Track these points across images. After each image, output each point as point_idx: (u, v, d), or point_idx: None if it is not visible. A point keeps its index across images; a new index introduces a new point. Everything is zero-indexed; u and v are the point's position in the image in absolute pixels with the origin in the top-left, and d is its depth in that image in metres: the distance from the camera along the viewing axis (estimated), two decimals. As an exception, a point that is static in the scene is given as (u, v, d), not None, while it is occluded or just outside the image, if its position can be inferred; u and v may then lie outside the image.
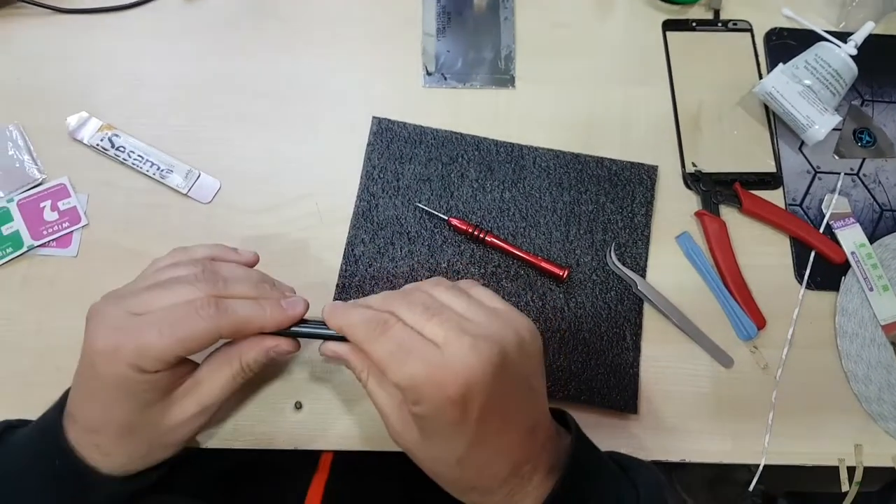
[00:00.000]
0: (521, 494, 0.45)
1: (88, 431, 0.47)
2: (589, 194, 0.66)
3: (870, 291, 0.64)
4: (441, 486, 0.47)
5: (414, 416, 0.43)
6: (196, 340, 0.44)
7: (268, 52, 0.71)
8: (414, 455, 0.46)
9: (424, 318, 0.43)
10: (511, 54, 0.72)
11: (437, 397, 0.41)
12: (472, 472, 0.44)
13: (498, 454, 0.44)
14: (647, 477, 0.50)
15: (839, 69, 0.67)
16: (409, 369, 0.41)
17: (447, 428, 0.42)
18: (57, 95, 0.68)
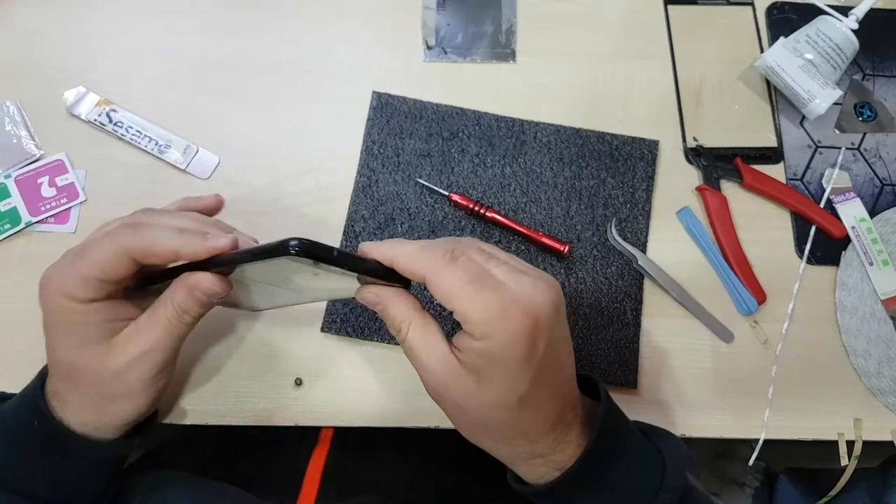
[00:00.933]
0: (564, 443, 0.44)
1: (50, 377, 0.49)
2: (590, 169, 0.66)
3: (870, 266, 0.64)
4: (483, 442, 0.45)
5: (478, 354, 0.40)
6: (107, 260, 0.44)
7: (267, 27, 0.70)
8: (461, 408, 0.43)
9: (482, 258, 0.42)
10: (512, 28, 0.71)
11: (510, 329, 0.39)
12: (529, 414, 0.42)
13: (553, 395, 0.43)
14: (669, 442, 0.50)
15: (840, 43, 0.67)
16: (484, 299, 0.39)
17: (515, 363, 0.40)
18: (54, 71, 0.67)
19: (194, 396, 0.59)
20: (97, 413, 0.48)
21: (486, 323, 0.39)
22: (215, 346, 0.60)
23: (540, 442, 0.44)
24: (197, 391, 0.59)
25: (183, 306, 0.46)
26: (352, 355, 0.60)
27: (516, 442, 0.44)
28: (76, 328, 0.46)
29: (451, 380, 0.42)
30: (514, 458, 0.46)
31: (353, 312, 0.60)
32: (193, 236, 0.45)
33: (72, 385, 0.48)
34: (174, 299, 0.46)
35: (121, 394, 0.48)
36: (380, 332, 0.60)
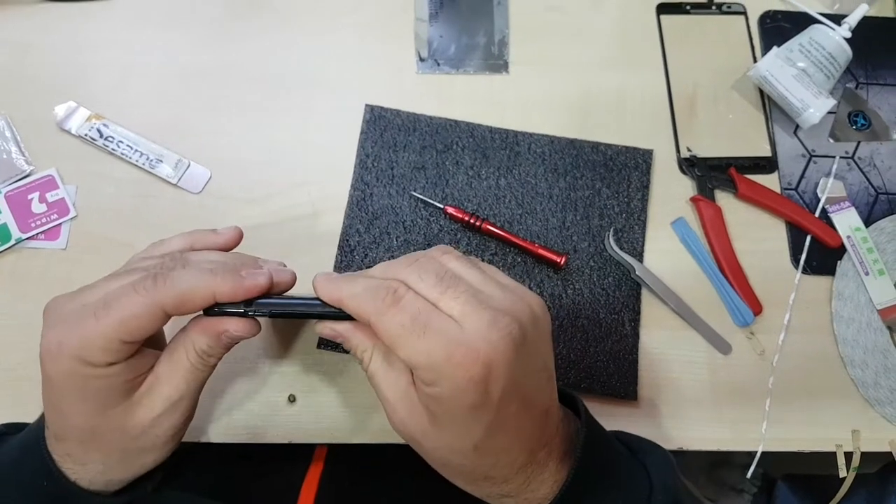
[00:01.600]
0: (537, 482, 0.42)
1: (57, 440, 0.44)
2: (585, 180, 0.66)
3: (865, 275, 0.64)
4: (448, 477, 0.44)
5: (428, 398, 0.39)
6: (136, 318, 0.39)
7: (258, 39, 0.70)
8: (420, 445, 0.42)
9: (438, 290, 0.39)
10: (504, 39, 0.71)
11: (457, 377, 0.37)
12: (489, 460, 0.40)
13: (517, 439, 0.41)
14: (657, 458, 0.48)
15: (833, 52, 0.67)
16: (426, 345, 0.37)
17: (466, 411, 0.38)
18: (44, 85, 0.67)
19: (187, 414, 0.58)
20: (125, 469, 0.46)
21: (431, 369, 0.37)
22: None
23: (508, 483, 0.42)
24: (190, 409, 0.58)
25: (208, 352, 0.44)
26: (346, 371, 0.60)
27: (480, 484, 0.43)
28: (93, 394, 0.41)
29: (410, 416, 0.40)
30: (483, 496, 0.44)
31: (347, 328, 0.60)
32: (227, 276, 0.41)
33: (93, 447, 0.44)
34: (196, 345, 0.43)
35: (150, 448, 0.45)
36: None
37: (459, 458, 0.40)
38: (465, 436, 0.39)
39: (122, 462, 0.46)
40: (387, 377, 0.41)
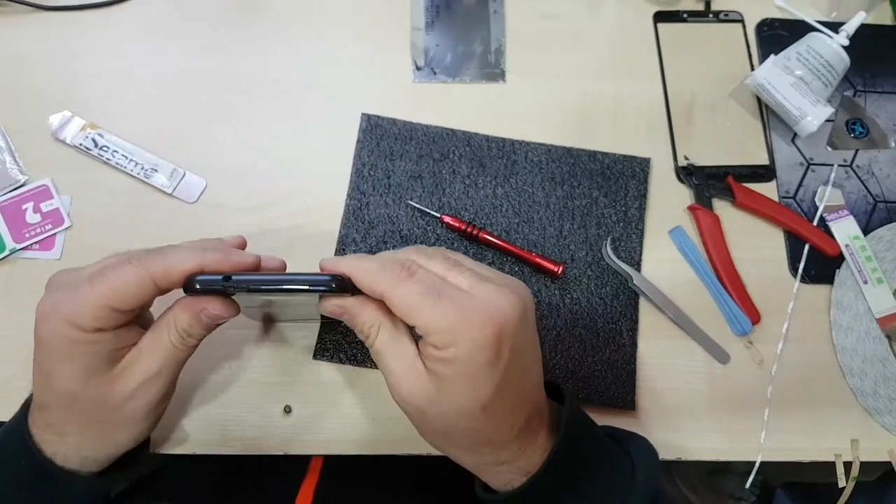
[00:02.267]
0: (530, 449, 0.44)
1: (41, 408, 0.46)
2: (582, 188, 0.66)
3: (864, 284, 0.64)
4: (447, 448, 0.45)
5: (440, 363, 0.40)
6: (127, 287, 0.42)
7: (254, 48, 0.70)
8: (425, 414, 0.42)
9: (445, 268, 0.42)
10: (501, 48, 0.71)
11: (473, 337, 0.39)
12: (494, 422, 0.42)
13: (518, 402, 0.43)
14: (640, 446, 0.50)
15: (831, 60, 0.67)
16: (442, 310, 0.39)
17: (479, 370, 0.40)
18: (39, 94, 0.67)
19: (182, 426, 0.58)
20: (100, 443, 0.47)
21: (447, 332, 0.39)
22: (202, 375, 0.59)
23: (506, 449, 0.44)
24: (184, 420, 0.58)
25: (188, 330, 0.45)
26: (342, 382, 0.59)
27: (481, 450, 0.44)
28: (79, 358, 0.43)
29: (417, 385, 0.42)
30: (479, 466, 0.45)
31: (345, 339, 0.59)
32: (217, 251, 0.44)
33: (72, 416, 0.45)
34: (178, 323, 0.44)
35: (125, 421, 0.46)
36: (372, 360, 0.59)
37: (467, 420, 0.41)
38: (475, 396, 0.41)
39: (98, 436, 0.46)
40: (394, 350, 0.43)
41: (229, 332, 0.60)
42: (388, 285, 0.41)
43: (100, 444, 0.47)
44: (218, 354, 0.59)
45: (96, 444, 0.47)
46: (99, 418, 0.45)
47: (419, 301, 0.40)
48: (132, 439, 0.48)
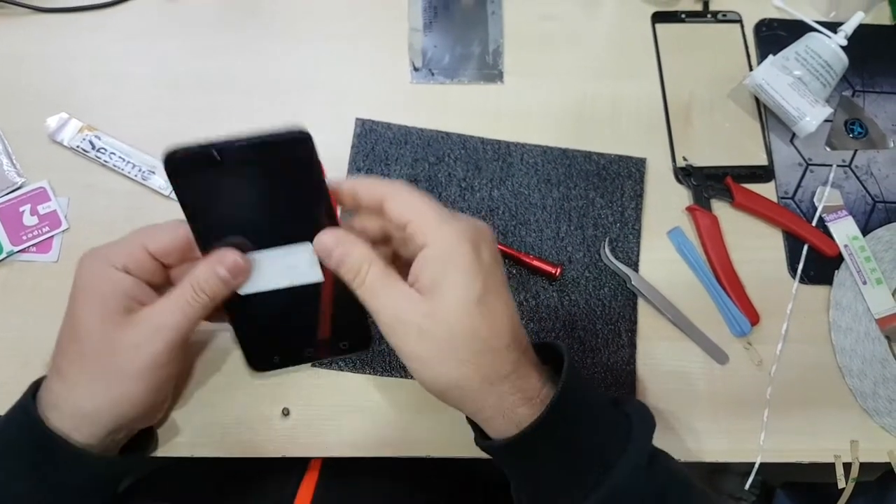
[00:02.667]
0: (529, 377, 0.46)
1: (60, 355, 0.48)
2: (578, 189, 0.66)
3: (863, 285, 0.64)
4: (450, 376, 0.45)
5: (431, 262, 0.44)
6: (163, 233, 0.48)
7: (251, 49, 0.70)
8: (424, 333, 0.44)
9: None
10: (499, 49, 0.71)
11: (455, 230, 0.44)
12: (489, 320, 0.44)
13: (505, 306, 0.46)
14: (637, 406, 0.51)
15: (829, 60, 0.67)
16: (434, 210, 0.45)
17: (465, 262, 0.44)
18: (36, 96, 0.66)
19: (181, 428, 0.57)
20: (103, 391, 0.47)
21: (436, 227, 0.44)
22: (201, 377, 0.59)
23: (506, 360, 0.45)
24: (183, 423, 0.58)
25: (204, 286, 0.47)
26: (339, 385, 0.59)
27: (484, 362, 0.44)
28: (102, 296, 0.47)
29: (413, 305, 0.44)
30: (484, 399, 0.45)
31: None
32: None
33: (83, 360, 0.47)
34: (196, 278, 0.47)
35: (128, 372, 0.47)
36: (371, 365, 0.59)
37: (465, 319, 0.44)
38: (467, 287, 0.44)
39: (101, 379, 0.47)
40: (386, 282, 0.45)
41: (228, 335, 0.60)
42: (389, 188, 0.47)
43: (102, 392, 0.47)
44: (217, 357, 0.59)
45: (98, 391, 0.47)
46: (105, 365, 0.47)
47: (416, 199, 0.46)
48: (133, 402, 0.48)
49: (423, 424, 0.59)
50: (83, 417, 0.47)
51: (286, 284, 0.49)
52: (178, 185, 0.46)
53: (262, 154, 0.46)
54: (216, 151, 0.45)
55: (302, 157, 0.46)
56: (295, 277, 0.49)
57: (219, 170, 0.46)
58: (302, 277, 0.49)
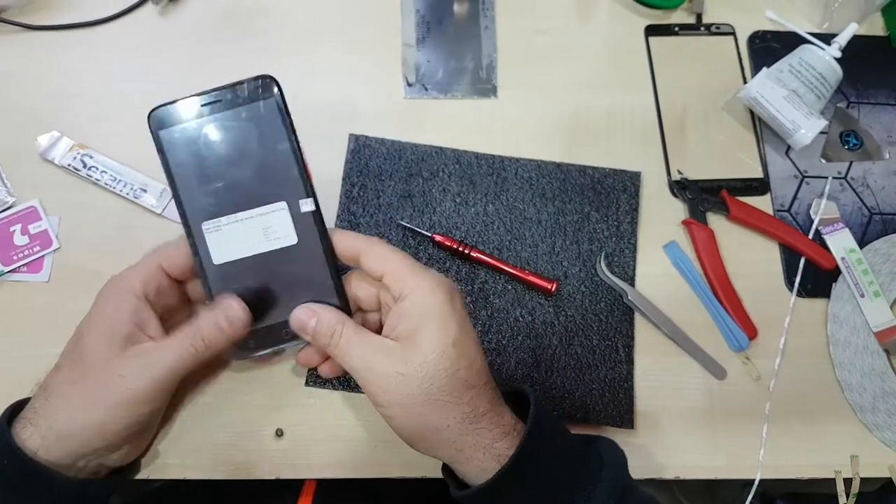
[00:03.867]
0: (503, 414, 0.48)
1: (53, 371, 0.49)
2: (573, 204, 0.65)
3: (861, 298, 0.63)
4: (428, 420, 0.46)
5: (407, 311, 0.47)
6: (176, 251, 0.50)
7: (243, 65, 0.69)
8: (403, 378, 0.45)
9: None
10: (492, 63, 0.71)
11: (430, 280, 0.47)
12: (466, 360, 0.46)
13: (478, 350, 0.48)
14: (606, 443, 0.52)
15: (824, 72, 0.66)
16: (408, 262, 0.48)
17: (440, 308, 0.46)
18: (27, 115, 0.66)
19: (173, 450, 0.57)
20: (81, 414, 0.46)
21: (412, 279, 0.47)
22: (193, 398, 0.58)
23: (483, 396, 0.47)
24: (175, 444, 0.57)
25: (203, 333, 0.48)
26: (334, 405, 0.59)
27: (462, 400, 0.46)
28: (112, 321, 0.48)
29: (390, 354, 0.46)
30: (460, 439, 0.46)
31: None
32: None
33: (72, 380, 0.47)
34: (197, 326, 0.48)
35: (108, 402, 0.47)
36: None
37: (443, 360, 0.45)
38: (443, 331, 0.46)
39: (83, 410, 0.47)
40: (360, 339, 0.48)
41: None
42: (364, 242, 0.49)
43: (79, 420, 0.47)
44: (209, 378, 0.59)
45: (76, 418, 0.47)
46: (91, 390, 0.47)
47: (391, 252, 0.48)
48: (105, 432, 0.47)
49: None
50: (56, 438, 0.46)
51: (263, 249, 0.50)
52: (159, 139, 0.50)
53: (234, 100, 0.50)
54: (193, 101, 0.50)
55: (271, 103, 0.51)
56: (271, 241, 0.51)
57: (196, 123, 0.50)
58: (278, 241, 0.51)
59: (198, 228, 0.50)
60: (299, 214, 0.50)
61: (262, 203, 0.50)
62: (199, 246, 0.50)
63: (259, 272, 0.50)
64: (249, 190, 0.50)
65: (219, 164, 0.50)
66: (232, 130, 0.50)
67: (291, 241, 0.50)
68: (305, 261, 0.51)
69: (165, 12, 0.71)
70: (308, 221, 0.50)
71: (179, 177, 0.50)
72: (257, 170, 0.50)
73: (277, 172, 0.50)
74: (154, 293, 0.49)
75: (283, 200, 0.50)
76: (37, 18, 0.69)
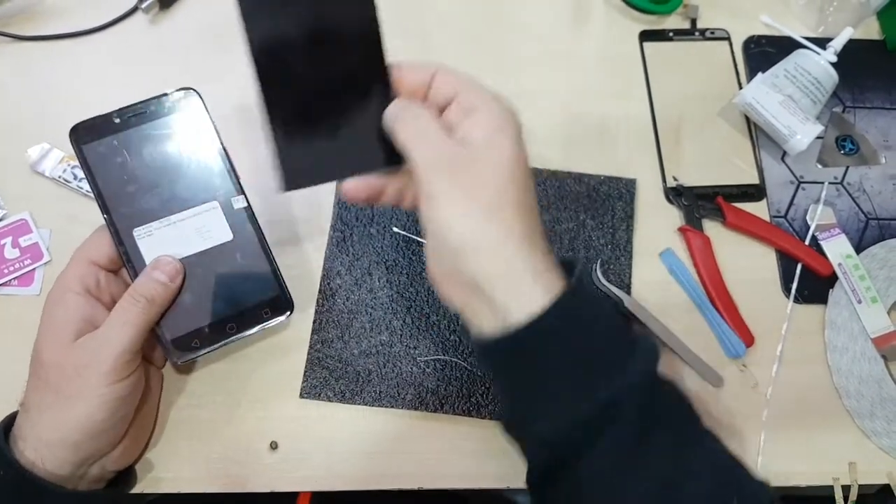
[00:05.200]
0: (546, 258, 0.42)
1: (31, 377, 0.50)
2: (568, 212, 0.65)
3: (858, 304, 0.63)
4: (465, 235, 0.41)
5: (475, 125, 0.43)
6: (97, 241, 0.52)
7: (235, 74, 0.68)
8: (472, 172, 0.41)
9: None
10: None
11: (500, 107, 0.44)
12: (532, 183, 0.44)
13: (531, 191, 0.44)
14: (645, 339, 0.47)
15: (819, 77, 0.66)
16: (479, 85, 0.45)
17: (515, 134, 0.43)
18: (17, 126, 0.66)
19: (165, 463, 0.56)
20: (62, 418, 0.47)
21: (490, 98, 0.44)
22: (186, 411, 0.58)
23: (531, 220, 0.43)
24: (168, 457, 0.57)
25: (140, 290, 0.50)
26: (328, 417, 0.58)
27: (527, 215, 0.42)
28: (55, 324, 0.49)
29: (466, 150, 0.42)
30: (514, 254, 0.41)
31: (332, 376, 0.59)
32: None
33: (38, 384, 0.48)
34: (131, 288, 0.50)
35: (82, 394, 0.47)
36: (361, 395, 0.58)
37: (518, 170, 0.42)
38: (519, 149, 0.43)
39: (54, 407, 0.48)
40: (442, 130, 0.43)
41: (214, 366, 0.59)
42: (437, 64, 0.45)
43: (62, 424, 0.47)
44: (202, 389, 0.58)
45: (59, 423, 0.47)
46: (61, 392, 0.47)
47: (465, 74, 0.45)
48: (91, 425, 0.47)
49: (413, 456, 0.58)
50: (48, 448, 0.47)
51: (199, 248, 0.53)
52: (83, 154, 0.52)
53: (157, 112, 0.54)
54: (115, 116, 0.53)
55: (195, 113, 0.54)
56: (206, 240, 0.53)
57: (120, 135, 0.53)
58: (213, 239, 0.53)
59: (129, 236, 0.52)
60: (232, 211, 0.54)
61: (194, 205, 0.53)
62: (132, 252, 0.52)
63: (198, 271, 0.53)
64: (180, 194, 0.53)
65: (147, 172, 0.53)
66: (157, 140, 0.53)
67: (227, 238, 0.53)
68: (243, 255, 0.54)
69: (155, 21, 0.70)
70: (241, 217, 0.54)
71: (106, 189, 0.52)
72: (186, 174, 0.53)
73: (206, 175, 0.54)
74: (94, 286, 0.51)
75: (214, 200, 0.53)
76: (26, 29, 0.69)
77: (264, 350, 0.60)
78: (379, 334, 0.60)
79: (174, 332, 0.52)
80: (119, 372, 0.48)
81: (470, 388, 0.59)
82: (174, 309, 0.52)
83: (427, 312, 0.61)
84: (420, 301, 0.61)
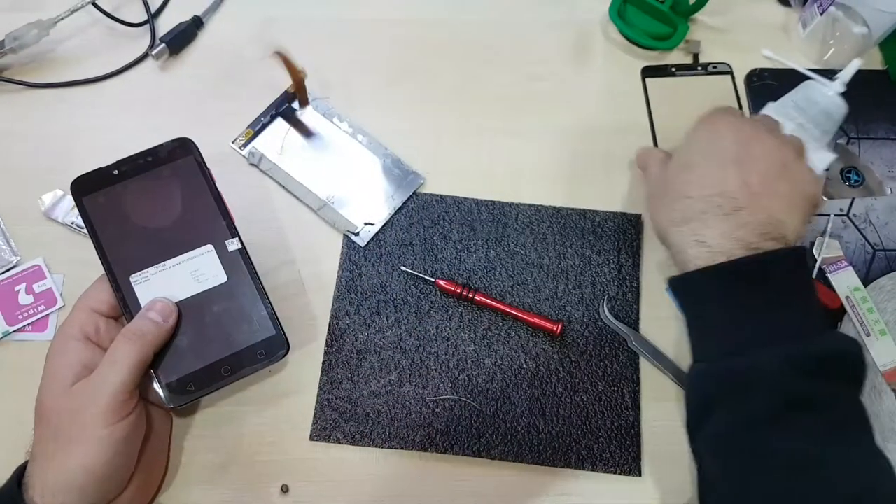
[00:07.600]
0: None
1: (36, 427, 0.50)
2: (574, 248, 0.65)
3: (867, 337, 0.63)
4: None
5: None
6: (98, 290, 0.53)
7: (244, 117, 0.70)
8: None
9: None
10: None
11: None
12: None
13: None
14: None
15: (828, 108, 0.65)
16: None
17: None
18: (30, 173, 0.67)
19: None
20: (67, 464, 0.47)
21: None
22: (196, 454, 0.58)
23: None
24: (180, 500, 0.57)
25: (133, 331, 0.50)
26: (339, 460, 0.59)
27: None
28: (54, 372, 0.50)
29: None
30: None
31: (342, 417, 0.59)
32: None
33: (45, 439, 0.49)
34: (125, 329, 0.51)
35: (82, 438, 0.48)
36: (371, 437, 0.58)
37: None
38: None
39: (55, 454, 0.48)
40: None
41: (226, 409, 0.59)
42: None
43: (68, 470, 0.47)
44: (212, 432, 0.59)
45: (64, 470, 0.47)
46: (63, 439, 0.48)
47: None
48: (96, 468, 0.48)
49: (423, 500, 0.58)
50: (55, 495, 0.47)
51: (195, 291, 0.54)
52: (83, 206, 0.54)
53: (153, 161, 0.55)
54: (114, 168, 0.55)
55: (189, 161, 0.56)
56: (201, 283, 0.54)
57: (118, 186, 0.54)
58: (208, 282, 0.54)
59: (125, 282, 0.53)
60: (226, 254, 0.55)
61: (189, 249, 0.54)
62: (129, 298, 0.53)
63: (193, 314, 0.53)
64: (175, 239, 0.54)
65: (143, 220, 0.54)
66: (154, 188, 0.55)
67: (221, 280, 0.54)
68: (237, 296, 0.54)
69: (166, 67, 0.72)
70: (236, 259, 0.54)
71: (105, 238, 0.54)
72: (181, 220, 0.55)
73: (201, 219, 0.55)
74: (94, 333, 0.52)
75: (209, 244, 0.54)
76: (39, 76, 0.70)
77: (275, 392, 0.60)
78: (388, 374, 0.61)
79: (168, 376, 0.53)
80: (115, 413, 0.48)
81: (479, 427, 0.59)
82: (169, 352, 0.53)
83: (436, 351, 0.61)
84: (429, 340, 0.62)
